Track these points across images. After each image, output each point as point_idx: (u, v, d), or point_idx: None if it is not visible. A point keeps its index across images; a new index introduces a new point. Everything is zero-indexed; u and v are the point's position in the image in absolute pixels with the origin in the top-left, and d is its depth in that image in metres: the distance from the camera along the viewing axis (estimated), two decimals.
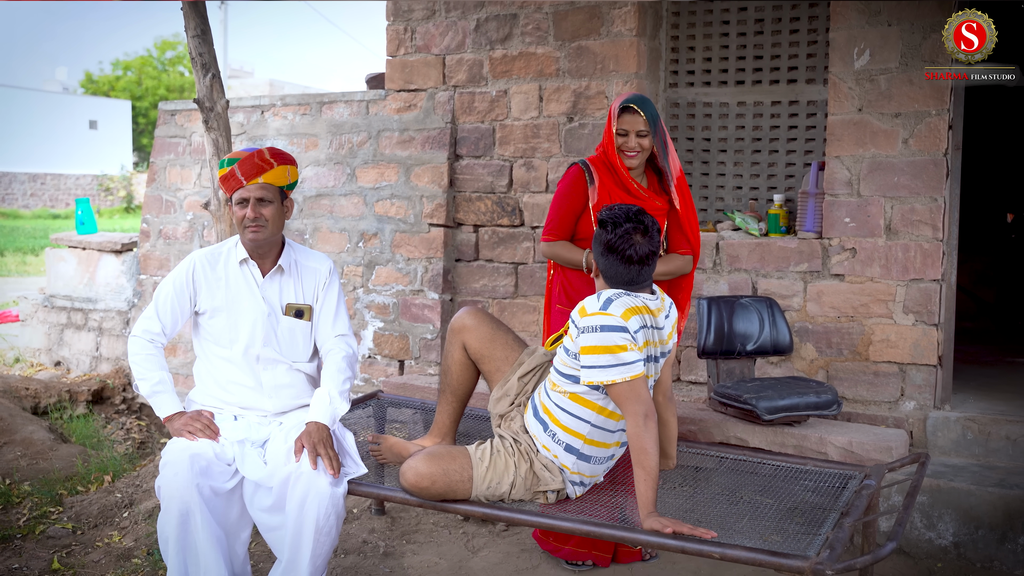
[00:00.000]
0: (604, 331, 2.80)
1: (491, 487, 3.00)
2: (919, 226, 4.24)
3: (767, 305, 4.15)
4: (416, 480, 2.98)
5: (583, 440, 2.99)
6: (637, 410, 2.78)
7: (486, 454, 3.05)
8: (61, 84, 42.26)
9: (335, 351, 3.33)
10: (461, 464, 3.02)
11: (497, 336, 3.32)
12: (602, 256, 2.94)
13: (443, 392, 3.44)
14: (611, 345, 2.79)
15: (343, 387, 3.25)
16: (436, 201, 5.28)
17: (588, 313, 2.86)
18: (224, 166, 3.23)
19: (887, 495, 3.79)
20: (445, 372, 3.41)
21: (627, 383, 2.79)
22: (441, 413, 3.44)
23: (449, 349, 3.38)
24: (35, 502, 4.40)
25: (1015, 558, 3.64)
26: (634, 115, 3.46)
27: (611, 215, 2.95)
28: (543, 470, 3.03)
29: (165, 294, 3.27)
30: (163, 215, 6.28)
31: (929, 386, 4.26)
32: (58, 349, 6.97)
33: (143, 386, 3.19)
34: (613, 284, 2.95)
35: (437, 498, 3.01)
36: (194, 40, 4.42)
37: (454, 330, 3.36)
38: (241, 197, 3.19)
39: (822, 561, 2.45)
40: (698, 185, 5.03)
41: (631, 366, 2.80)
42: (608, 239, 2.91)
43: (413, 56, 5.41)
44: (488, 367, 3.31)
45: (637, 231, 2.90)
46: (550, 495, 3.04)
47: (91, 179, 30.61)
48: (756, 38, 4.82)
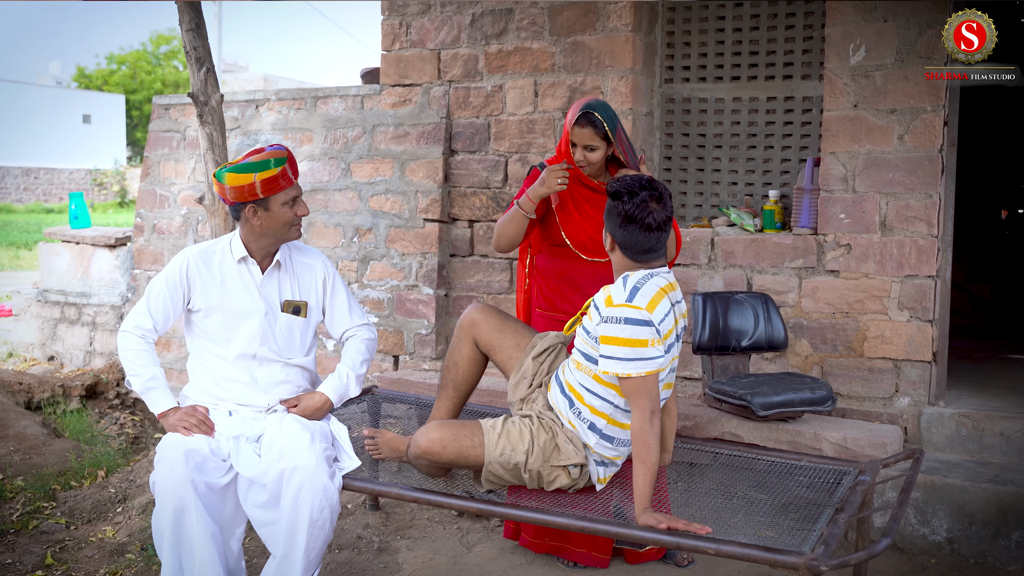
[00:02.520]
0: (628, 324, 2.81)
1: (504, 454, 3.01)
2: (914, 222, 4.24)
3: (762, 301, 4.15)
4: (428, 445, 3.03)
5: (607, 420, 3.01)
6: (645, 405, 2.80)
7: (498, 423, 3.10)
8: (54, 78, 42.14)
9: (357, 336, 3.46)
10: (472, 430, 3.07)
11: (506, 325, 3.36)
12: (620, 228, 2.93)
13: (444, 387, 3.46)
14: (633, 339, 2.81)
15: (360, 370, 3.41)
16: (431, 196, 5.27)
17: (614, 304, 2.86)
18: (271, 166, 3.13)
19: (881, 491, 3.79)
20: (450, 367, 3.43)
21: (641, 378, 2.81)
22: (440, 408, 3.45)
23: (457, 344, 3.41)
24: (28, 497, 4.38)
25: (1008, 554, 3.65)
26: (584, 128, 3.40)
27: (624, 185, 2.94)
28: (566, 443, 3.04)
29: (158, 291, 3.25)
30: (157, 210, 6.26)
31: (923, 382, 4.26)
32: (51, 344, 6.95)
33: (136, 382, 3.18)
34: (633, 255, 2.95)
35: (448, 464, 3.04)
36: (188, 34, 4.40)
37: (463, 326, 3.39)
38: (292, 196, 3.21)
39: (817, 557, 2.45)
40: (693, 181, 5.03)
41: (649, 362, 2.81)
42: (626, 209, 2.90)
43: (408, 51, 5.40)
44: (501, 356, 3.34)
45: (652, 198, 2.91)
46: (572, 470, 3.04)
47: (84, 173, 30.52)
48: (752, 33, 4.82)
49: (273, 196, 3.15)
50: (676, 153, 5.04)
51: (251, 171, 3.11)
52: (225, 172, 3.13)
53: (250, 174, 3.11)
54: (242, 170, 3.12)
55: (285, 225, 3.21)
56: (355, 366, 3.42)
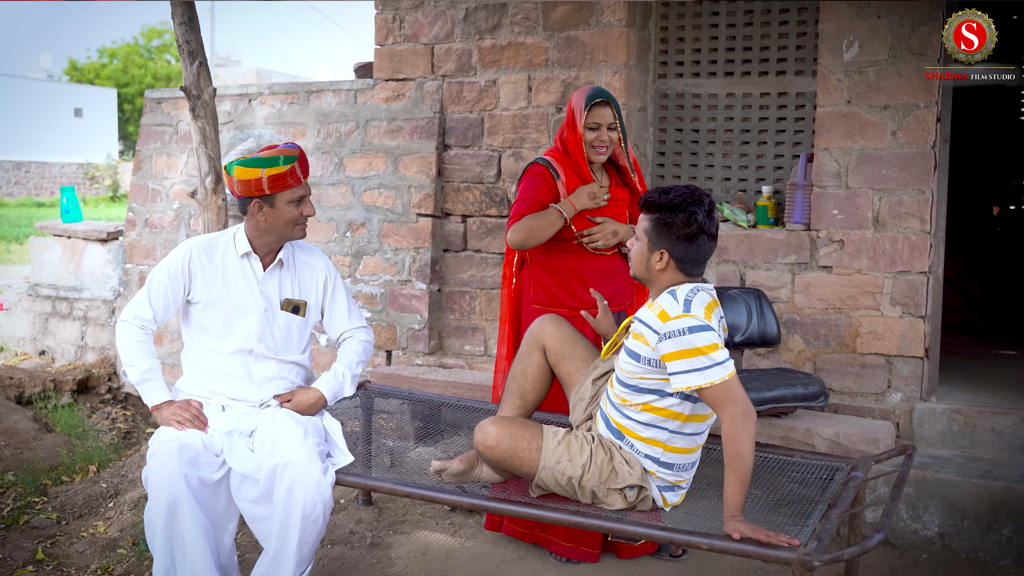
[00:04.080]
0: (693, 332, 2.69)
1: (561, 462, 2.89)
2: (907, 218, 4.25)
3: (755, 297, 4.15)
4: (482, 438, 2.94)
5: (662, 448, 2.90)
6: (735, 411, 2.66)
7: (560, 432, 2.96)
8: (45, 71, 41.92)
9: (354, 337, 3.48)
10: (532, 433, 2.95)
11: (578, 339, 3.25)
12: (685, 242, 2.80)
13: (509, 395, 3.30)
14: (702, 346, 2.68)
15: (356, 370, 3.42)
16: (424, 191, 5.26)
17: (671, 317, 2.73)
18: (280, 164, 3.13)
19: (873, 486, 3.81)
20: (517, 375, 3.29)
21: (723, 383, 2.67)
22: (505, 412, 3.31)
23: (526, 351, 3.28)
24: (19, 492, 4.37)
25: (999, 549, 3.67)
26: (604, 108, 3.44)
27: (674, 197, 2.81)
28: (622, 464, 2.90)
29: (159, 280, 3.23)
30: (149, 204, 6.24)
31: (916, 378, 4.27)
32: (43, 338, 6.92)
33: (132, 373, 3.17)
34: (690, 268, 2.84)
35: (499, 461, 2.93)
36: (181, 28, 4.38)
37: (534, 334, 3.26)
38: (300, 195, 3.20)
39: (810, 552, 2.46)
40: (687, 176, 5.03)
41: (725, 364, 2.69)
42: (699, 221, 2.78)
43: (402, 45, 5.38)
44: (567, 368, 3.22)
45: (710, 205, 2.83)
46: (629, 493, 2.90)
47: (76, 167, 30.39)
48: (745, 29, 4.82)
49: (280, 193, 3.16)
50: (669, 148, 5.04)
51: (260, 166, 3.12)
52: (234, 165, 3.15)
53: (258, 169, 3.11)
54: (251, 164, 3.12)
55: (289, 223, 3.21)
56: (351, 366, 3.41)
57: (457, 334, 5.28)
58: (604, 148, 3.47)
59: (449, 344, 5.32)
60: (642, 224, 2.89)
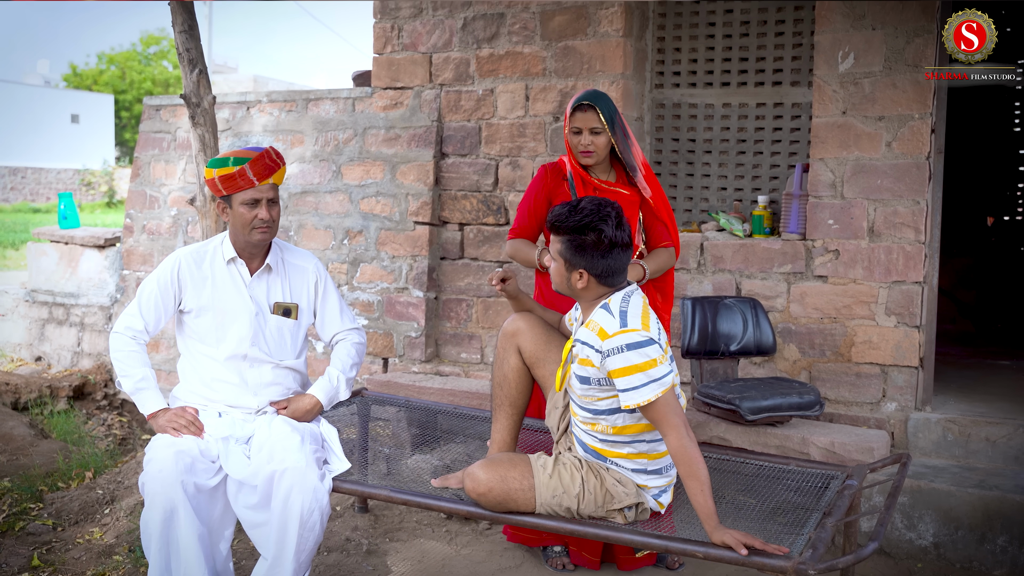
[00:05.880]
0: (631, 349, 2.69)
1: (556, 496, 2.84)
2: (901, 228, 4.27)
3: (751, 306, 4.17)
4: (472, 486, 2.87)
5: (647, 458, 2.89)
6: (676, 422, 2.67)
7: (549, 463, 2.90)
8: (43, 77, 41.94)
9: (346, 339, 3.49)
10: (522, 472, 2.87)
11: (552, 338, 3.18)
12: (602, 257, 2.80)
13: (499, 406, 3.24)
14: (641, 363, 2.68)
15: (350, 373, 3.44)
16: (421, 199, 5.27)
17: (609, 335, 2.73)
18: (229, 165, 3.15)
19: (868, 495, 3.82)
20: (501, 383, 3.23)
21: (661, 399, 2.68)
22: (499, 430, 3.25)
23: (503, 356, 3.20)
24: (15, 498, 4.36)
25: (993, 558, 3.68)
26: (586, 112, 3.44)
27: (579, 221, 2.79)
28: (615, 485, 2.88)
29: (149, 292, 3.25)
30: (147, 210, 6.25)
31: (910, 387, 4.29)
32: (39, 344, 6.92)
33: (126, 383, 3.19)
34: (612, 280, 2.84)
35: (495, 506, 2.87)
36: (181, 36, 4.40)
37: (507, 334, 3.19)
38: (252, 198, 3.18)
39: (804, 561, 2.47)
40: (683, 186, 5.05)
41: (662, 380, 2.69)
42: (609, 235, 2.77)
43: (400, 54, 5.40)
44: (543, 371, 3.16)
45: (617, 214, 2.81)
46: (628, 512, 2.89)
47: (73, 173, 30.38)
48: (742, 40, 4.85)
49: (235, 195, 3.20)
50: (666, 158, 5.06)
51: (212, 166, 3.21)
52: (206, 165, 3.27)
53: (211, 169, 3.21)
54: (209, 165, 3.23)
55: (244, 226, 3.21)
56: (345, 369, 3.43)
57: (454, 342, 5.29)
58: (588, 152, 3.49)
59: (446, 352, 5.33)
60: (555, 246, 2.88)
